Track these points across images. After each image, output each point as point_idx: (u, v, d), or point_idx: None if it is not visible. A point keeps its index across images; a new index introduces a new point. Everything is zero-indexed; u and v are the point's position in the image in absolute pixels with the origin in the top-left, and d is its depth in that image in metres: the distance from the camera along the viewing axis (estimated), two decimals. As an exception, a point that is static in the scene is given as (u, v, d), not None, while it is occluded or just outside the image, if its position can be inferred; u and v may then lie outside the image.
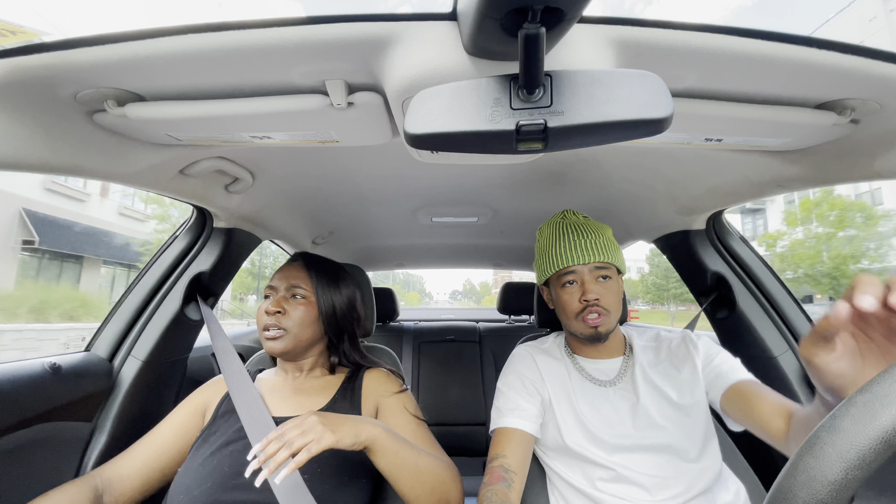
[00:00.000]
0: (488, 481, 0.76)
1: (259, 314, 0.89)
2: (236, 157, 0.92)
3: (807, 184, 0.84)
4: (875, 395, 0.28)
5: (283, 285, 0.90)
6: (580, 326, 0.85)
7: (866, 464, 0.27)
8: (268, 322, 0.86)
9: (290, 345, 0.86)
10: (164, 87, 0.59)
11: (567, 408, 0.86)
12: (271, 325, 0.86)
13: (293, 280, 0.91)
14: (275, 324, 0.85)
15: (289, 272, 0.92)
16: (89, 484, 0.72)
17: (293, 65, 0.54)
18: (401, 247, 2.04)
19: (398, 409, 0.85)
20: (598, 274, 0.85)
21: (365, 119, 0.65)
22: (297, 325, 0.87)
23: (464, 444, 2.07)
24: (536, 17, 0.37)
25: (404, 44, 0.50)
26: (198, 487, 0.69)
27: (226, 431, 0.78)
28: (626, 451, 0.80)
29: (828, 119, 0.63)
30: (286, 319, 0.86)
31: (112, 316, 1.08)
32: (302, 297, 0.89)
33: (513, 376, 0.92)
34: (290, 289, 0.90)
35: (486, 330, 2.41)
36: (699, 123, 0.66)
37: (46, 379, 0.84)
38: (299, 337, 0.87)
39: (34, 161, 0.61)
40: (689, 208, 1.14)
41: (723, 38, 0.50)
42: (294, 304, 0.88)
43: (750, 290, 1.19)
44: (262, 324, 0.87)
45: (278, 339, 0.85)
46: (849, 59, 0.52)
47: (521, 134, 0.41)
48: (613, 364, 0.90)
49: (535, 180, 1.15)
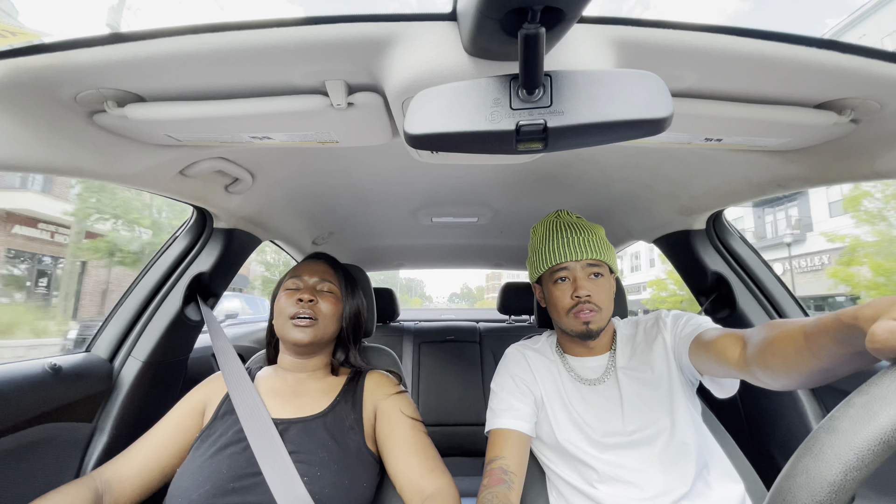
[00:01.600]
0: (488, 483, 0.76)
1: (284, 303, 0.87)
2: (236, 158, 0.92)
3: (807, 183, 0.84)
4: (873, 396, 0.29)
5: (313, 278, 0.90)
6: (572, 323, 0.85)
7: (865, 464, 0.27)
8: (297, 310, 0.85)
9: (319, 335, 0.86)
10: (164, 88, 0.59)
11: (559, 406, 0.87)
12: (304, 312, 0.84)
13: (323, 274, 0.91)
14: (307, 312, 0.85)
15: (316, 267, 0.93)
16: (89, 485, 0.72)
17: (293, 65, 0.54)
18: (401, 247, 2.04)
19: (395, 413, 0.84)
20: (590, 271, 0.86)
21: (365, 119, 0.65)
22: (326, 316, 0.87)
23: (464, 444, 2.06)
24: (536, 18, 0.37)
25: (404, 44, 0.50)
26: (196, 490, 0.69)
27: (225, 433, 0.77)
28: (618, 449, 0.80)
29: (828, 119, 0.63)
30: (317, 310, 0.86)
31: (112, 316, 1.08)
32: (330, 293, 0.90)
33: (505, 376, 0.92)
34: (320, 282, 0.90)
35: (486, 330, 2.41)
36: (699, 123, 0.66)
37: (47, 379, 0.84)
38: (326, 329, 0.88)
39: (34, 162, 0.61)
40: (689, 208, 1.14)
41: (723, 38, 0.50)
42: (325, 297, 0.89)
43: (750, 289, 1.19)
44: (291, 312, 0.85)
45: (309, 326, 0.84)
46: (849, 58, 0.52)
47: (521, 134, 0.41)
48: (600, 361, 0.91)
49: (534, 180, 1.15)
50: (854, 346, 0.43)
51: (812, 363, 0.50)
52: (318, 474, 0.72)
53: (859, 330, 0.41)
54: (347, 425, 0.81)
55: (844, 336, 0.44)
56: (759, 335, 0.62)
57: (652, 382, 0.84)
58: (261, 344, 1.87)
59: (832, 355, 0.47)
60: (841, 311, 0.45)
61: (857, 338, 0.42)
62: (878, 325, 0.36)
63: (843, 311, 0.44)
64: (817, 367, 0.49)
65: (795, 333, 0.53)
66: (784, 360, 0.54)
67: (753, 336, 0.64)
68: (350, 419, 0.82)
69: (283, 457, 0.72)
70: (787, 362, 0.54)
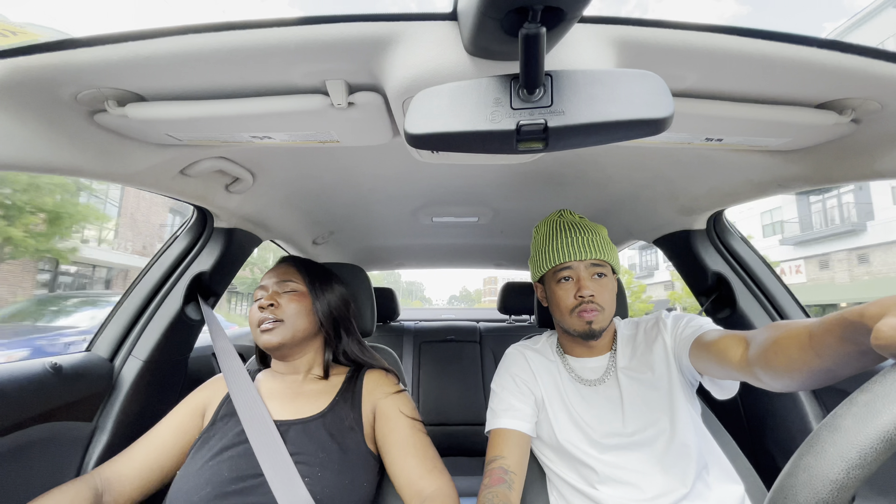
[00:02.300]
0: (488, 483, 0.76)
1: (252, 313, 0.88)
2: (237, 158, 0.92)
3: (807, 183, 0.84)
4: (876, 394, 0.29)
5: (273, 281, 0.90)
6: (575, 322, 0.85)
7: (867, 463, 0.27)
8: (262, 316, 0.85)
9: (287, 336, 0.85)
10: (165, 87, 0.59)
11: (560, 407, 0.87)
12: (266, 318, 0.85)
13: (283, 276, 0.91)
14: (269, 316, 0.85)
15: (277, 270, 0.93)
16: (89, 484, 0.72)
17: (294, 65, 0.54)
18: (401, 247, 2.04)
19: (394, 412, 0.84)
20: (593, 271, 0.86)
21: (365, 119, 0.65)
22: (292, 315, 0.86)
23: (464, 444, 2.07)
24: (537, 17, 0.37)
25: (405, 44, 0.50)
26: (196, 493, 0.69)
27: (225, 435, 0.77)
28: (618, 450, 0.80)
29: (828, 119, 0.63)
30: (280, 311, 0.86)
31: (113, 316, 1.08)
32: (293, 291, 0.90)
33: (506, 377, 0.92)
34: (280, 284, 0.90)
35: (486, 330, 2.41)
36: (700, 123, 0.66)
37: (47, 379, 0.84)
38: (296, 327, 0.87)
39: (35, 161, 0.61)
40: (689, 208, 1.14)
41: (724, 37, 0.50)
42: (287, 297, 0.88)
43: (750, 289, 1.19)
44: (256, 320, 0.86)
45: (274, 330, 0.85)
46: (849, 58, 0.52)
47: (521, 134, 0.41)
48: (601, 362, 0.91)
49: (535, 180, 1.15)
50: (859, 345, 0.43)
51: (815, 363, 0.50)
52: (319, 475, 0.72)
53: (864, 328, 0.40)
54: (347, 425, 0.81)
55: (850, 334, 0.44)
56: (763, 335, 0.61)
57: (652, 383, 0.84)
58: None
59: (836, 354, 0.47)
60: (846, 310, 0.45)
61: (862, 335, 0.42)
62: (883, 323, 0.36)
63: (849, 310, 0.44)
64: (820, 367, 0.49)
65: (800, 333, 0.53)
66: (787, 360, 0.54)
67: (756, 337, 0.64)
68: (349, 419, 0.82)
69: (285, 458, 0.72)
70: (790, 362, 0.54)
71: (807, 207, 16.16)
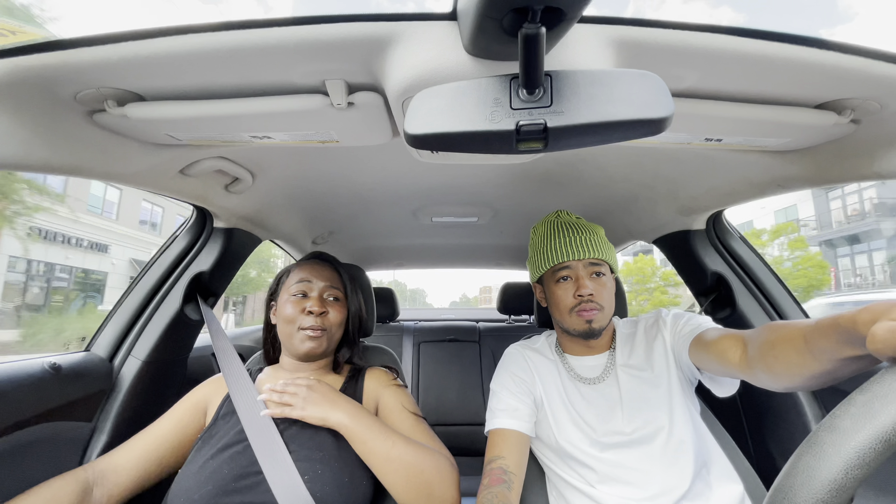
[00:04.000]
0: (488, 483, 0.76)
1: (292, 311, 0.86)
2: (236, 157, 0.92)
3: (807, 184, 0.84)
4: (875, 395, 0.29)
5: (320, 285, 0.89)
6: (574, 322, 0.85)
7: (866, 463, 0.27)
8: (310, 322, 0.85)
9: (328, 346, 0.87)
10: (165, 87, 0.59)
11: (559, 406, 0.87)
12: (314, 325, 0.85)
13: (329, 280, 0.91)
14: (318, 325, 0.85)
15: (321, 271, 0.92)
16: (77, 478, 0.72)
17: (293, 65, 0.54)
18: (401, 247, 2.04)
19: (395, 407, 0.85)
20: (592, 270, 0.86)
21: (365, 119, 0.65)
22: (334, 325, 0.88)
23: (464, 444, 2.06)
24: (536, 17, 0.37)
25: (404, 44, 0.50)
26: (197, 491, 0.69)
27: (226, 433, 0.77)
28: (618, 448, 0.80)
29: (828, 119, 0.63)
30: (327, 321, 0.87)
31: (112, 316, 1.08)
32: (336, 299, 0.90)
33: (505, 376, 0.92)
34: (327, 289, 0.90)
35: (486, 330, 2.41)
36: (699, 123, 0.66)
37: (47, 379, 0.84)
38: (334, 338, 0.89)
39: (34, 161, 0.61)
40: (689, 208, 1.14)
41: (723, 38, 0.50)
42: (331, 306, 0.89)
43: (750, 289, 1.19)
44: (302, 323, 0.85)
45: (321, 338, 0.85)
46: (849, 59, 0.52)
47: (521, 134, 0.41)
48: (600, 360, 0.91)
49: (535, 180, 1.15)
50: (854, 350, 0.44)
51: (814, 366, 0.50)
52: (319, 472, 0.72)
53: (858, 334, 0.41)
54: None
55: (844, 339, 0.44)
56: (760, 337, 0.62)
57: (651, 381, 0.84)
58: (260, 344, 1.87)
59: (833, 358, 0.47)
60: (839, 316, 0.45)
61: (856, 340, 0.42)
62: (878, 327, 0.37)
63: (841, 316, 0.45)
64: (819, 369, 0.50)
65: (795, 336, 0.53)
66: (786, 363, 0.54)
67: (753, 338, 0.64)
68: None
69: (284, 456, 0.72)
70: (789, 364, 0.54)
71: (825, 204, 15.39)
